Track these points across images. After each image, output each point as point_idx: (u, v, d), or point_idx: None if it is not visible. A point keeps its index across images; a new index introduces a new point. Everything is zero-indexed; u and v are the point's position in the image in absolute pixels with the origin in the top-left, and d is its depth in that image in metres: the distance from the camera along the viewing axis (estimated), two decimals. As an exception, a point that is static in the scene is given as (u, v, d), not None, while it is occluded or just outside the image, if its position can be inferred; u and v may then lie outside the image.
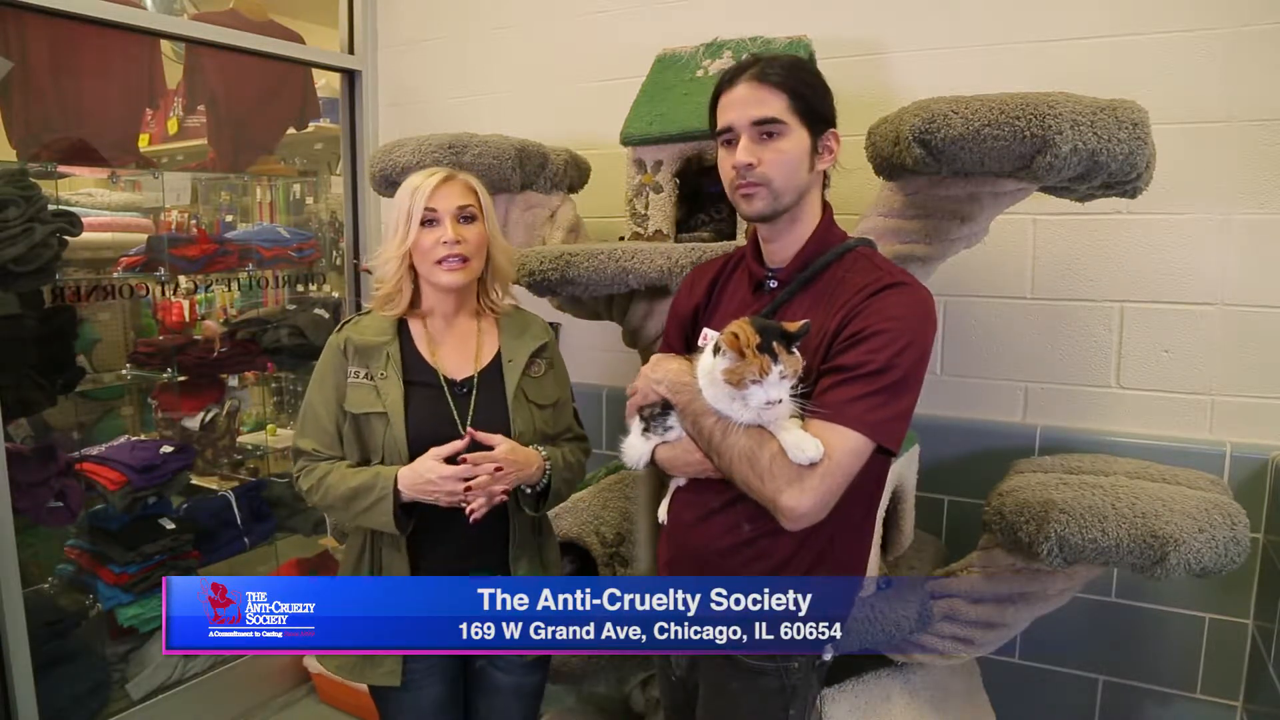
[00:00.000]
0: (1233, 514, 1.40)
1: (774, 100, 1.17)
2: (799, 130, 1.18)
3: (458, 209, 1.39)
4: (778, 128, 1.17)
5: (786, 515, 1.09)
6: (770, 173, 1.18)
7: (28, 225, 2.04)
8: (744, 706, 1.25)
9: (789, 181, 1.19)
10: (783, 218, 1.22)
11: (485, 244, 1.43)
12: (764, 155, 1.18)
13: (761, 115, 1.17)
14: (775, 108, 1.17)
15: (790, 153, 1.18)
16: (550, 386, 1.49)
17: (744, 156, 1.18)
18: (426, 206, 1.37)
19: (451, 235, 1.37)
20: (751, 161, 1.18)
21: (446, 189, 1.39)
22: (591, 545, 1.87)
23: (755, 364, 1.05)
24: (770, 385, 1.06)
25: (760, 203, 1.20)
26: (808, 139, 1.19)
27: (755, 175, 1.18)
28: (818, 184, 1.25)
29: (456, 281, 1.39)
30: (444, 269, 1.38)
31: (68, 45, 2.36)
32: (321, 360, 1.45)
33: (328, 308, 2.98)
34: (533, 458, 1.39)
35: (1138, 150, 1.31)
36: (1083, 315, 1.91)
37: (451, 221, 1.38)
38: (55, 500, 2.20)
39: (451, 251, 1.37)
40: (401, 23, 2.76)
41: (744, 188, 1.20)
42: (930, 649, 1.58)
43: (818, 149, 1.20)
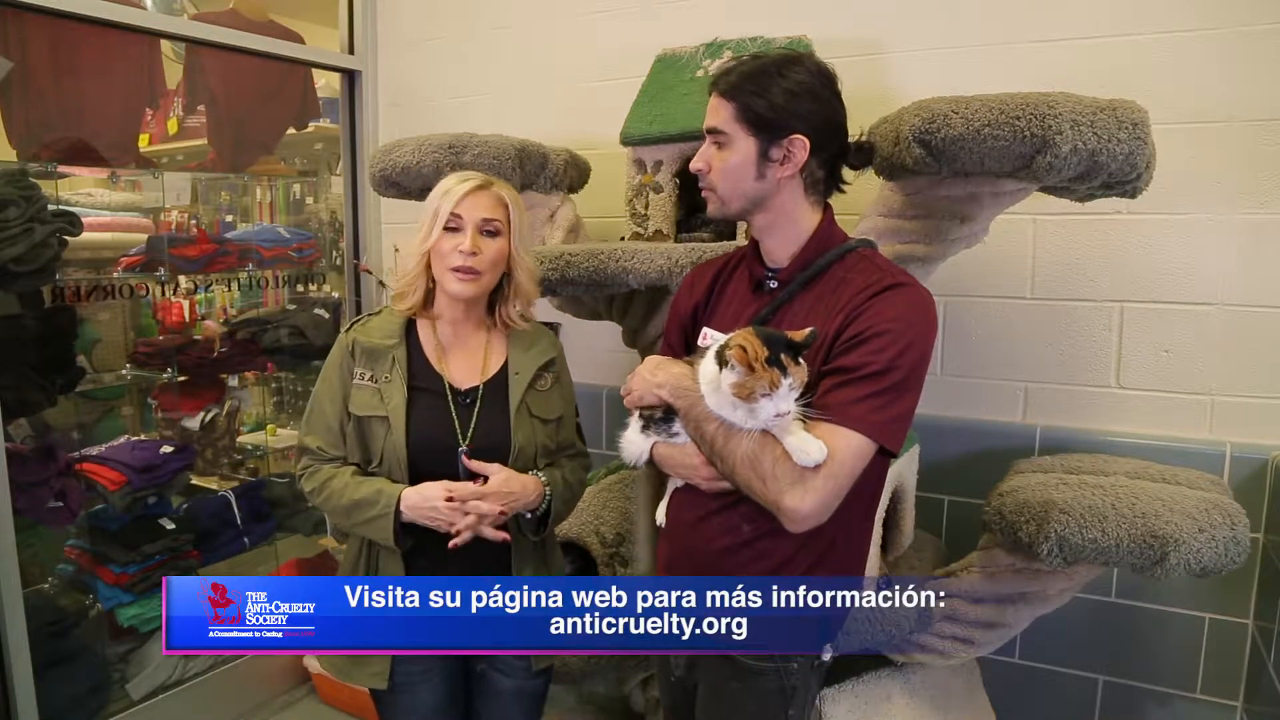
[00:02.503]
0: (1233, 514, 1.40)
1: (722, 110, 1.21)
2: (744, 140, 1.19)
3: (482, 220, 1.36)
4: (722, 138, 1.21)
5: (790, 517, 1.08)
6: (714, 179, 1.24)
7: (28, 225, 2.04)
8: (743, 707, 1.25)
9: (732, 189, 1.22)
10: (755, 220, 1.25)
11: (503, 260, 1.40)
12: (712, 162, 1.23)
13: (710, 124, 1.22)
14: (721, 117, 1.21)
15: (730, 162, 1.21)
16: (555, 401, 1.48)
17: (696, 162, 1.26)
18: (452, 212, 1.36)
19: (469, 246, 1.35)
20: (701, 167, 1.25)
21: (476, 198, 1.37)
22: (591, 545, 1.87)
23: (765, 378, 1.05)
24: (780, 398, 1.06)
25: (711, 206, 1.26)
26: (754, 148, 1.19)
27: (706, 181, 1.25)
28: (788, 189, 1.22)
29: (464, 292, 1.38)
30: (455, 277, 1.36)
31: (68, 45, 2.35)
32: (329, 358, 1.45)
33: (328, 308, 2.98)
34: (530, 486, 1.38)
35: (1138, 150, 1.31)
36: (1083, 315, 1.91)
37: (474, 232, 1.36)
38: (55, 500, 2.20)
39: (466, 262, 1.35)
40: (401, 23, 2.76)
41: (702, 190, 1.27)
42: (930, 649, 1.58)
43: (769, 156, 1.19)
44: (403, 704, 1.43)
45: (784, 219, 1.23)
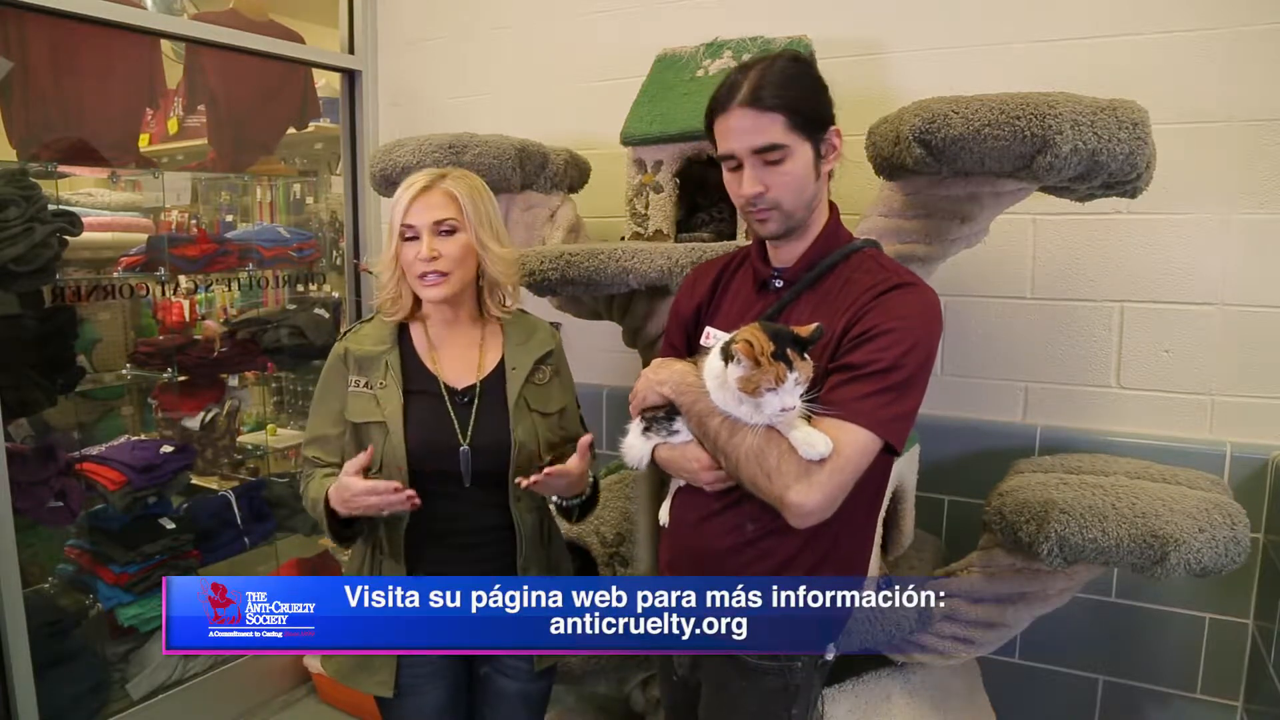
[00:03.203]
0: (1233, 514, 1.40)
1: (772, 125, 1.14)
2: (801, 146, 1.16)
3: (434, 223, 1.35)
4: (780, 153, 1.15)
5: (794, 511, 1.08)
6: (779, 196, 1.17)
7: (28, 225, 2.04)
8: (746, 706, 1.25)
9: (799, 199, 1.19)
10: (803, 223, 1.23)
11: (469, 254, 1.38)
12: (770, 180, 1.17)
13: (763, 143, 1.15)
14: (774, 133, 1.15)
15: (795, 173, 1.17)
16: (556, 393, 1.47)
17: (751, 188, 1.17)
18: (404, 223, 1.35)
19: (426, 252, 1.34)
20: (759, 190, 1.17)
21: (422, 202, 1.35)
22: (591, 545, 1.87)
23: (771, 372, 1.04)
24: (785, 393, 1.06)
25: (774, 225, 1.20)
26: (811, 151, 1.18)
27: (765, 201, 1.18)
28: (824, 185, 1.23)
29: (437, 296, 1.37)
30: (424, 284, 1.36)
31: (68, 45, 2.36)
32: (325, 369, 1.46)
33: (328, 308, 2.98)
34: (586, 476, 1.39)
35: (1138, 150, 1.31)
36: (1083, 315, 1.91)
37: (429, 236, 1.34)
38: (55, 500, 2.20)
39: (429, 268, 1.34)
40: (401, 23, 2.76)
41: (756, 214, 1.20)
42: (930, 649, 1.58)
43: (821, 154, 1.19)
44: (408, 709, 1.42)
45: (816, 217, 1.23)
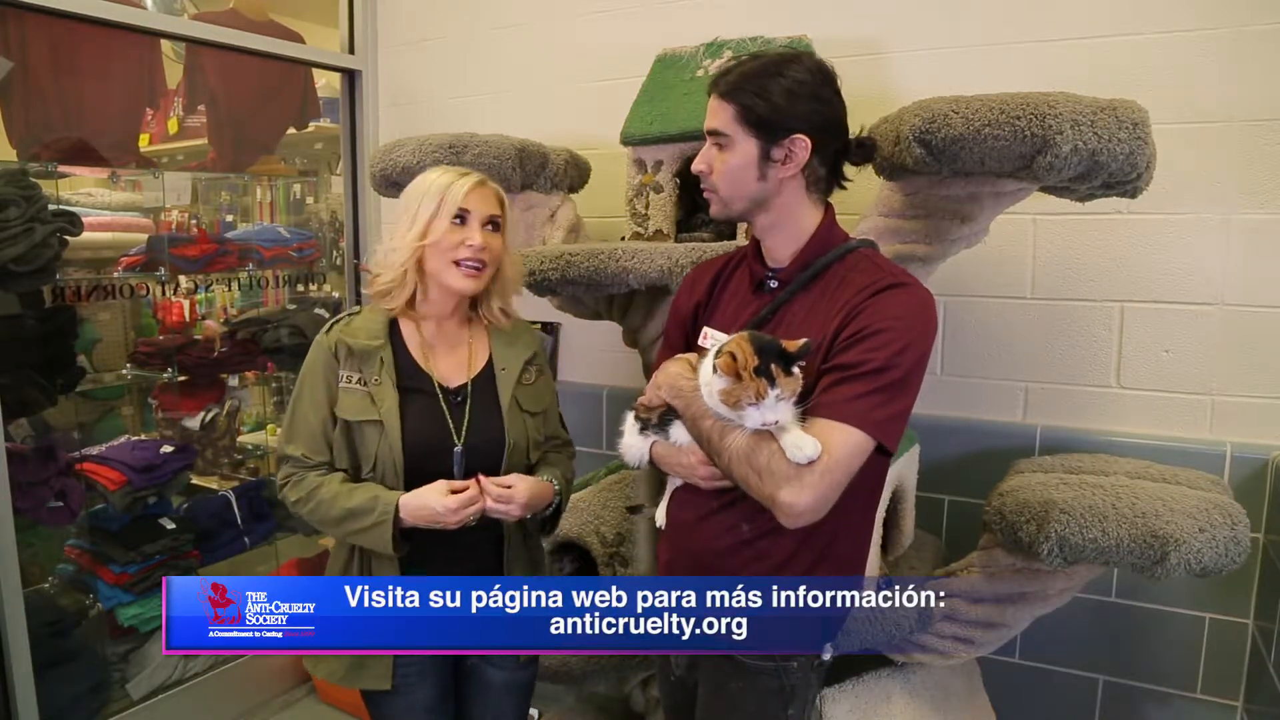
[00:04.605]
0: (1233, 514, 1.39)
1: (722, 111, 1.20)
2: (745, 141, 1.19)
3: (488, 216, 1.38)
4: (723, 139, 1.21)
5: (785, 512, 1.08)
6: (716, 181, 1.24)
7: (28, 225, 2.05)
8: (743, 706, 1.25)
9: (734, 191, 1.23)
10: (757, 220, 1.25)
11: (501, 255, 1.41)
12: (714, 164, 1.23)
13: (711, 126, 1.22)
14: (721, 119, 1.20)
15: (732, 164, 1.21)
16: (542, 394, 1.49)
17: (697, 163, 1.26)
18: (461, 206, 1.35)
19: (479, 241, 1.35)
20: (703, 169, 1.25)
21: (482, 193, 1.38)
22: (591, 545, 1.87)
23: (751, 387, 1.05)
24: (766, 409, 1.06)
25: (714, 207, 1.27)
26: (755, 149, 1.19)
27: (708, 182, 1.25)
28: (790, 189, 1.22)
29: (469, 287, 1.37)
30: (461, 271, 1.36)
31: (68, 45, 2.35)
32: (310, 361, 1.42)
33: (328, 307, 2.99)
34: (546, 493, 1.39)
35: (1138, 150, 1.31)
36: (1083, 315, 1.91)
37: (479, 227, 1.37)
38: (55, 500, 2.20)
39: (475, 255, 1.35)
40: (401, 23, 2.76)
41: (705, 191, 1.27)
42: (930, 649, 1.58)
43: (770, 157, 1.19)
44: (401, 704, 1.42)
45: (786, 218, 1.24)
